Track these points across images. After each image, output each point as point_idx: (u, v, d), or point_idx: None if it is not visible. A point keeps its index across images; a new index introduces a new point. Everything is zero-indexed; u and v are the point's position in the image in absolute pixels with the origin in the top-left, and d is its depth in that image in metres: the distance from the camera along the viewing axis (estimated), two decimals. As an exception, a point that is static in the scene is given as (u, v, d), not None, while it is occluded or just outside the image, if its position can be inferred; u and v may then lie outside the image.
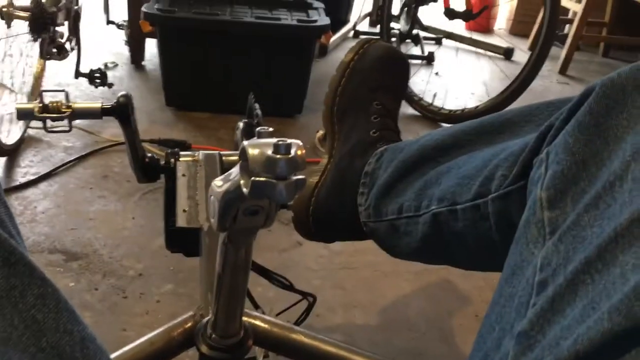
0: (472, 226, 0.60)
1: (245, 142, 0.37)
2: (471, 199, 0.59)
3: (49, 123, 0.72)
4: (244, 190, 0.37)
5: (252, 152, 0.36)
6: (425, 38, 2.80)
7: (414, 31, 2.55)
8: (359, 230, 0.77)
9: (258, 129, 0.38)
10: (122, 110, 0.69)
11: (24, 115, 0.70)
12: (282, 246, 1.29)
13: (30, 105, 0.69)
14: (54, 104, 0.71)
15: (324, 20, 1.86)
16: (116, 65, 2.26)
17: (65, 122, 0.73)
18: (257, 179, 0.35)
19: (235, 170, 0.41)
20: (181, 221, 0.66)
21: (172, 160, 0.76)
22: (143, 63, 2.30)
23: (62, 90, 0.74)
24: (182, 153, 0.77)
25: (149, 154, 0.78)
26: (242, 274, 0.52)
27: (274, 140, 0.35)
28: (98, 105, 0.71)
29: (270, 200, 0.42)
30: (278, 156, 0.35)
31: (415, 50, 2.69)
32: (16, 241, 0.31)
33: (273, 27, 1.81)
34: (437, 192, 0.64)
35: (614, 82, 0.44)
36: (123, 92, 0.71)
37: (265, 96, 1.85)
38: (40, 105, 0.70)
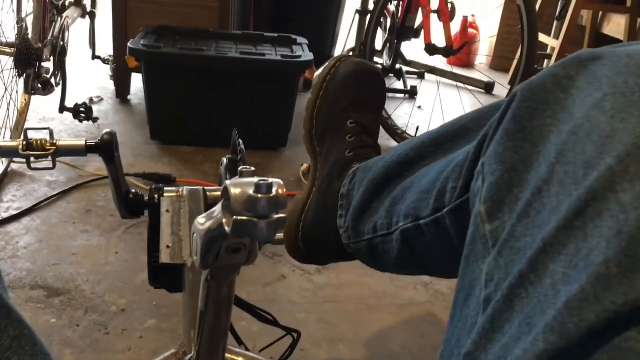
0: (437, 240, 0.60)
1: (227, 182, 0.38)
2: (430, 214, 0.59)
3: (33, 160, 0.72)
4: (226, 228, 0.37)
5: (234, 191, 0.36)
6: (408, 72, 2.85)
7: (397, 66, 2.60)
8: (346, 251, 0.77)
9: (240, 168, 0.39)
10: (106, 148, 0.70)
11: (7, 153, 0.71)
12: (267, 280, 1.29)
13: (14, 143, 0.69)
14: (38, 142, 0.71)
15: (307, 55, 1.89)
16: (101, 99, 2.27)
17: (49, 159, 0.74)
18: (239, 217, 0.36)
19: (217, 209, 0.41)
20: (165, 257, 0.66)
21: (156, 196, 0.76)
22: (128, 97, 2.31)
23: (47, 128, 0.75)
24: (166, 189, 0.78)
25: (133, 190, 0.78)
26: (225, 311, 0.52)
27: (255, 179, 0.36)
28: (82, 142, 0.71)
29: (252, 239, 0.42)
30: (259, 195, 0.36)
31: (398, 85, 2.73)
32: None
33: (257, 62, 1.84)
34: (403, 208, 0.65)
35: (533, 84, 0.44)
36: (107, 130, 0.72)
37: (250, 130, 1.88)
38: (24, 142, 0.71)
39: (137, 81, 2.31)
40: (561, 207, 0.36)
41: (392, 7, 2.52)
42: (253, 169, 0.40)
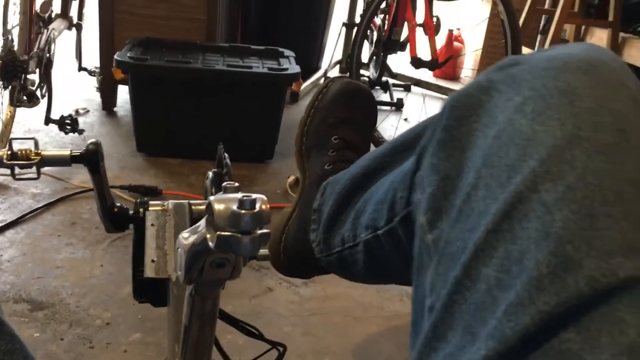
0: (395, 249, 0.60)
1: (211, 197, 0.38)
2: (385, 224, 0.60)
3: (17, 170, 0.72)
4: (210, 244, 0.38)
5: (218, 207, 0.37)
6: (394, 85, 2.87)
7: (383, 78, 2.62)
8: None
9: (224, 183, 0.40)
10: (91, 158, 0.70)
11: None
12: (253, 292, 1.29)
13: None
14: (23, 152, 0.71)
15: (294, 68, 1.90)
16: (87, 111, 2.27)
17: (34, 169, 0.73)
18: (223, 233, 0.36)
19: (202, 224, 0.42)
20: (149, 271, 0.66)
21: (141, 209, 0.76)
22: (114, 109, 2.31)
23: (32, 138, 0.75)
24: (151, 202, 0.78)
25: (118, 203, 0.78)
26: (209, 325, 0.52)
27: (239, 195, 0.37)
28: (67, 152, 0.71)
29: (236, 254, 0.43)
30: (243, 211, 0.36)
31: (385, 97, 2.75)
32: None
33: (244, 75, 1.84)
34: (364, 220, 0.65)
35: (460, 93, 0.45)
36: (92, 140, 0.72)
37: (236, 142, 1.88)
38: (9, 152, 0.70)
39: (123, 93, 2.31)
40: (489, 210, 0.37)
41: (378, 21, 2.54)
42: (237, 184, 0.40)
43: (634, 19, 2.68)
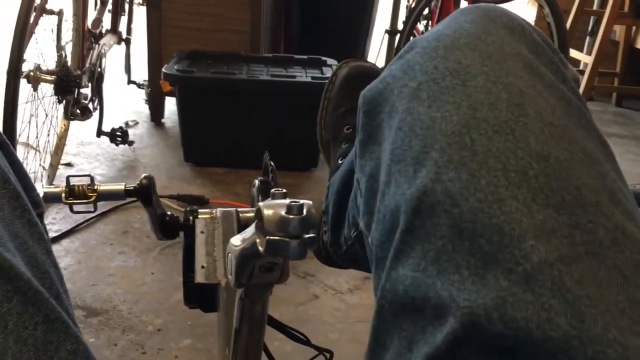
0: None
1: (260, 204, 0.39)
2: (360, 221, 0.59)
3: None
4: (260, 248, 0.39)
5: (267, 212, 0.38)
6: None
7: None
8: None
9: (272, 190, 0.41)
10: (144, 192, 0.72)
11: (51, 199, 0.73)
12: (299, 300, 1.30)
13: (57, 190, 0.72)
14: (80, 189, 0.74)
15: (337, 77, 1.91)
16: (136, 123, 2.33)
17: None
18: (272, 237, 0.37)
19: (251, 229, 0.43)
20: (200, 277, 0.68)
21: (191, 217, 0.78)
22: (162, 121, 2.37)
23: (88, 175, 0.78)
24: (200, 211, 0.80)
25: (169, 213, 0.80)
26: (259, 329, 0.54)
27: (287, 201, 0.38)
28: (121, 187, 0.74)
29: (284, 257, 0.44)
30: (291, 216, 0.37)
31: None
32: (62, 299, 0.33)
33: (288, 84, 1.87)
34: (350, 217, 0.65)
35: (366, 89, 0.44)
36: (145, 174, 0.74)
37: (280, 151, 1.90)
38: (67, 189, 0.73)
39: (170, 105, 2.37)
40: (399, 208, 0.35)
41: (421, 27, 2.54)
42: (284, 190, 0.41)
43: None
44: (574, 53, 2.82)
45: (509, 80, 0.36)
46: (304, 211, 0.38)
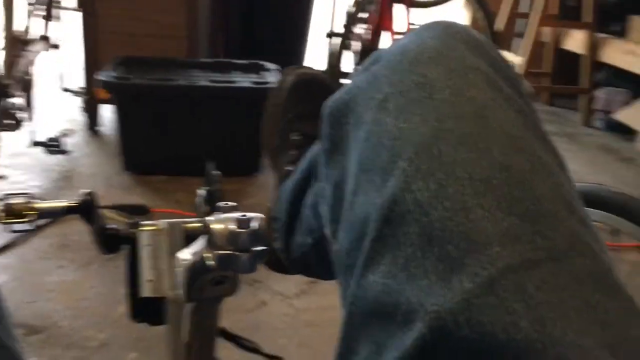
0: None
1: (208, 218, 0.39)
2: (317, 227, 0.59)
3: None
4: (209, 262, 0.39)
5: (216, 227, 0.38)
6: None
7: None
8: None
9: (220, 203, 0.41)
10: (86, 209, 0.70)
11: None
12: (247, 307, 1.29)
13: None
14: (18, 207, 0.71)
15: (278, 81, 1.91)
16: (72, 131, 2.26)
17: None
18: (222, 252, 0.37)
19: (199, 243, 0.42)
20: (147, 291, 0.66)
21: (134, 230, 0.76)
22: (99, 129, 2.30)
23: (27, 193, 0.75)
24: (144, 222, 0.78)
25: (110, 225, 0.78)
26: (210, 343, 0.53)
27: (236, 215, 0.38)
28: (62, 204, 0.72)
29: (234, 271, 0.44)
30: (240, 230, 0.37)
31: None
32: (3, 324, 0.32)
33: (229, 89, 1.86)
34: (306, 225, 0.65)
35: (331, 99, 0.45)
36: (87, 190, 0.72)
37: (223, 156, 1.87)
38: (4, 208, 0.71)
39: (107, 112, 2.31)
40: (369, 216, 0.36)
41: (360, 30, 2.57)
42: (234, 204, 0.41)
43: (609, 19, 2.73)
44: (506, 55, 2.92)
45: (471, 94, 0.38)
46: (254, 225, 0.38)
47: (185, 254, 0.44)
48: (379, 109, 0.39)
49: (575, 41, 2.83)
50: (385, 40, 2.27)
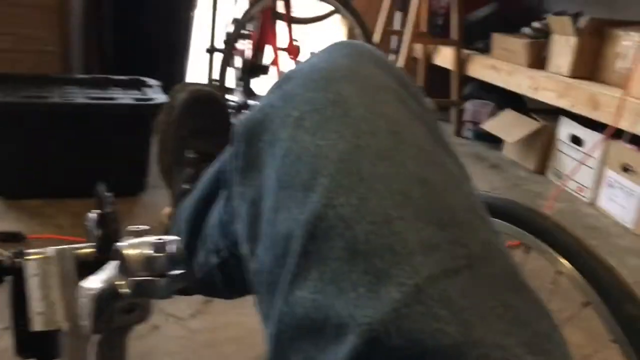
0: (242, 266, 0.60)
1: (119, 244, 0.37)
2: (223, 246, 0.60)
3: None
4: (123, 290, 0.37)
5: (130, 252, 0.36)
6: (261, 108, 2.90)
7: (249, 102, 2.64)
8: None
9: (129, 228, 0.39)
10: None
11: None
12: (139, 332, 1.23)
13: None
14: None
15: (160, 97, 1.86)
16: None
17: None
18: (137, 278, 0.36)
19: (108, 271, 0.41)
20: (37, 325, 0.62)
21: (19, 260, 0.71)
22: (-39, 151, 2.12)
23: None
24: (29, 251, 0.73)
25: (-10, 256, 0.72)
26: (118, 374, 0.51)
27: (151, 239, 0.36)
28: None
29: (151, 297, 0.42)
30: (157, 255, 0.36)
31: (252, 121, 2.77)
32: None
33: (108, 106, 1.78)
34: (210, 245, 0.65)
35: (245, 118, 0.46)
36: None
37: (105, 176, 1.79)
38: None
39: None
40: (293, 233, 0.37)
41: (241, 46, 2.57)
42: (146, 227, 0.40)
43: (475, 36, 2.94)
44: (382, 69, 3.04)
45: (384, 111, 0.39)
46: (170, 248, 0.37)
47: (91, 283, 0.42)
48: (295, 127, 0.40)
49: (445, 57, 3.01)
50: (269, 56, 2.29)
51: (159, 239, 0.36)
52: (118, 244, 0.37)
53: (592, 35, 2.25)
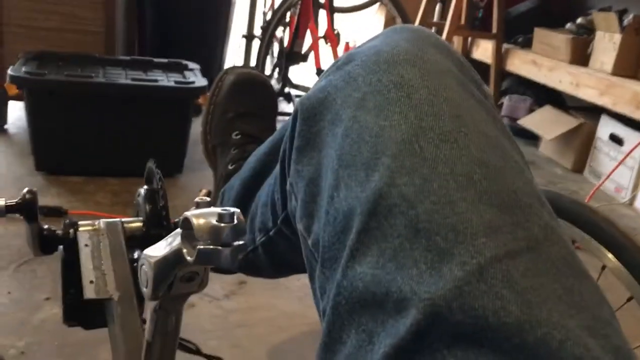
0: (288, 245, 0.61)
1: (188, 213, 0.39)
2: (272, 226, 0.61)
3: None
4: (188, 258, 0.38)
5: (197, 221, 0.38)
6: (297, 96, 2.91)
7: (286, 89, 2.66)
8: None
9: (197, 199, 0.41)
10: (28, 207, 0.67)
11: None
12: (175, 309, 1.27)
13: None
14: None
15: (201, 81, 1.89)
16: (-25, 129, 2.12)
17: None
18: (203, 247, 0.37)
19: (171, 239, 0.42)
20: (89, 293, 0.65)
21: (72, 230, 0.74)
22: (6, 127, 2.17)
23: None
24: (81, 223, 0.76)
25: (46, 226, 0.75)
26: (173, 341, 0.52)
27: (217, 209, 0.38)
28: (1, 203, 0.68)
29: (214, 266, 0.44)
30: (222, 224, 0.37)
31: (288, 108, 2.78)
32: None
33: (151, 88, 1.81)
34: (257, 223, 0.66)
35: (305, 96, 0.47)
36: (28, 188, 0.68)
37: (144, 157, 1.82)
38: None
39: (15, 109, 2.19)
40: (354, 210, 0.37)
41: (279, 33, 2.58)
42: (208, 199, 0.41)
43: (515, 30, 2.90)
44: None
45: (447, 94, 0.40)
46: (235, 219, 0.38)
47: (154, 251, 0.44)
48: (357, 107, 0.41)
49: (484, 51, 2.98)
50: (308, 43, 2.30)
51: (225, 210, 0.37)
52: (187, 212, 0.39)
53: (637, 32, 2.21)
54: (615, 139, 2.28)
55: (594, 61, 2.39)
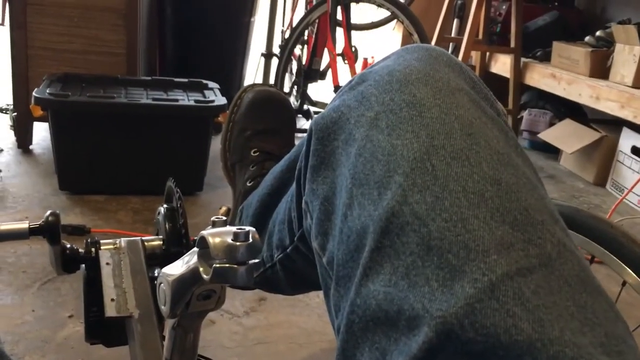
0: (305, 262, 0.61)
1: (204, 232, 0.39)
2: (290, 243, 0.61)
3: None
4: (204, 276, 0.39)
5: (213, 240, 0.38)
6: (316, 113, 2.93)
7: (305, 107, 2.68)
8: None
9: (213, 218, 0.41)
10: (51, 229, 0.68)
11: None
12: (195, 327, 1.28)
13: None
14: None
15: (220, 100, 1.91)
16: (1, 150, 2.17)
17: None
18: (219, 265, 0.38)
19: (188, 258, 0.43)
20: (110, 311, 0.66)
21: (94, 249, 0.75)
22: (31, 147, 2.22)
23: None
24: (102, 241, 0.77)
25: (68, 245, 0.76)
26: (191, 358, 0.53)
27: (233, 228, 0.38)
28: (25, 226, 0.69)
29: (229, 284, 0.44)
30: (238, 243, 0.38)
31: (307, 125, 2.80)
32: None
33: (171, 108, 1.84)
34: (275, 240, 0.67)
35: (319, 116, 0.47)
36: (51, 211, 0.70)
37: (165, 175, 1.84)
38: None
39: (39, 130, 2.23)
40: (367, 228, 0.38)
41: (297, 51, 2.60)
42: (224, 217, 0.42)
43: (534, 44, 2.89)
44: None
45: (459, 113, 0.40)
46: (251, 237, 0.39)
47: (172, 269, 0.44)
48: (370, 126, 0.41)
49: (502, 65, 2.97)
50: (326, 61, 2.32)
51: (240, 228, 0.38)
52: (203, 231, 0.39)
53: (658, 44, 2.19)
54: (637, 152, 2.25)
55: (614, 74, 2.37)
